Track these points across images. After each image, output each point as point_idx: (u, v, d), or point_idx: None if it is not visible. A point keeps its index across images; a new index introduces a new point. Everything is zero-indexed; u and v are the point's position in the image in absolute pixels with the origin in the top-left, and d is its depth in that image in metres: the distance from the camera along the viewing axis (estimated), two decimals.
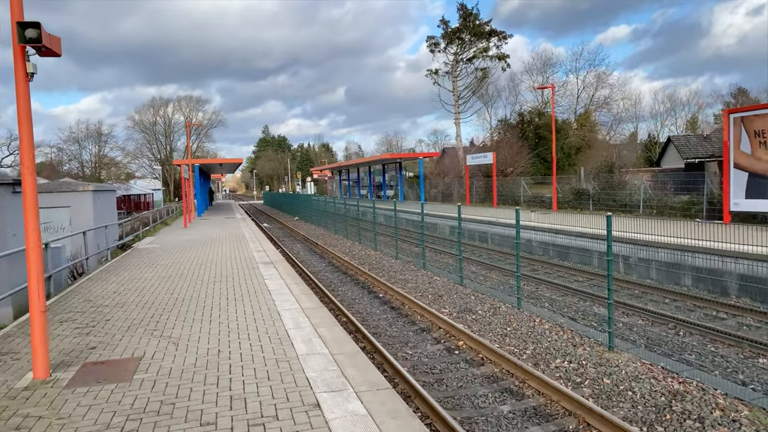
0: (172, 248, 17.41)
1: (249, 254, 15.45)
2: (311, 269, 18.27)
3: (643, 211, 20.35)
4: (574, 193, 24.64)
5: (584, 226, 16.93)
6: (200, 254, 15.55)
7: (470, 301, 12.46)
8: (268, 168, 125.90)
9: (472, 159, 32.17)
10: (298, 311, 8.09)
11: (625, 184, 22.34)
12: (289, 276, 11.54)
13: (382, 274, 16.74)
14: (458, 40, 44.34)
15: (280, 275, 11.56)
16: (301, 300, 8.95)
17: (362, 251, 22.24)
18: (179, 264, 13.55)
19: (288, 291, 9.70)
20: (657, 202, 19.44)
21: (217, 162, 34.52)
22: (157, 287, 10.38)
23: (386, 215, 30.88)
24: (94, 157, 54.58)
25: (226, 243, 18.84)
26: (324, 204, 33.37)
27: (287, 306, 8.45)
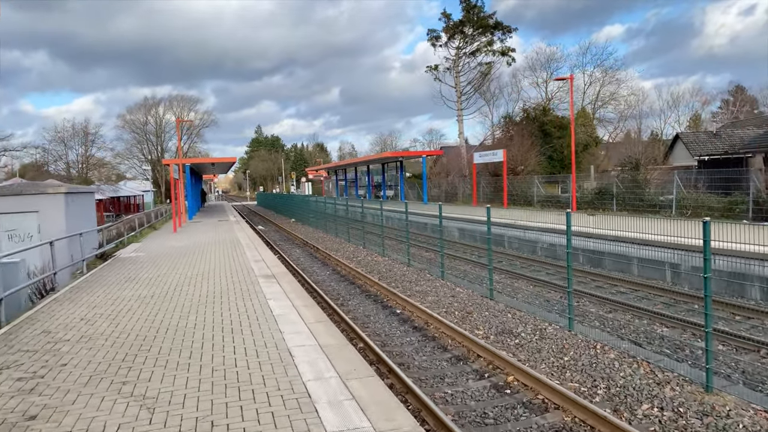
0: (158, 257, 15.48)
1: (246, 264, 13.56)
2: (314, 278, 16.41)
3: (676, 212, 18.65)
4: (596, 192, 22.91)
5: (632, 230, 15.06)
6: (190, 265, 13.64)
7: (507, 321, 10.65)
8: (261, 168, 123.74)
9: (480, 157, 30.40)
10: (314, 349, 6.23)
11: (648, 183, 20.61)
12: (296, 294, 9.67)
13: (396, 285, 14.92)
14: (461, 34, 42.59)
15: (285, 293, 9.69)
16: (317, 332, 7.07)
17: (368, 257, 20.40)
18: (165, 278, 11.64)
19: (298, 317, 7.83)
20: (693, 202, 17.73)
21: (209, 161, 32.57)
22: (135, 311, 8.49)
23: (394, 218, 29.03)
24: (80, 158, 52.38)
25: (220, 250, 16.93)
26: (323, 205, 31.50)
27: (300, 340, 6.60)
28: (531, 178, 28.62)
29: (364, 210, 23.59)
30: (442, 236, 15.27)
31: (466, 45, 42.98)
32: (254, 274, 11.85)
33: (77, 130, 52.03)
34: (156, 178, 71.52)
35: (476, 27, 41.72)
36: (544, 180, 30.27)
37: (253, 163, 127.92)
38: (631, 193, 20.82)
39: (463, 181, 38.76)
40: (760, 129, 41.29)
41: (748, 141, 33.59)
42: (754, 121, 50.90)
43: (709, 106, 71.87)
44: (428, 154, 36.82)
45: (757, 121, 48.69)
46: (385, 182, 47.02)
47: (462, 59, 43.49)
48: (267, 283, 10.73)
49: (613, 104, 48.03)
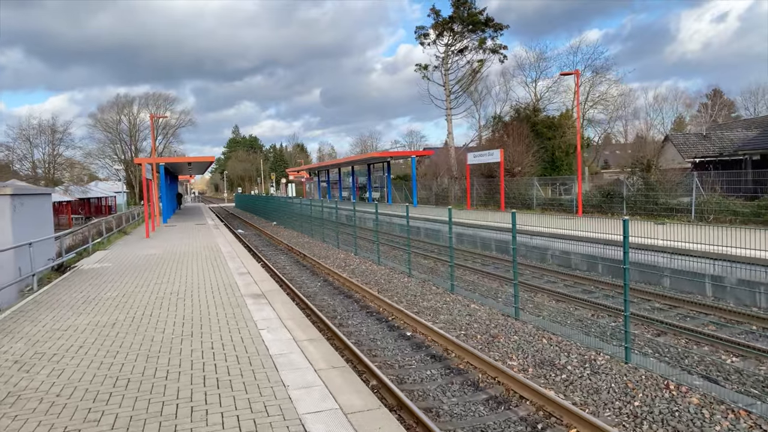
0: (127, 269, 13.45)
1: (229, 278, 11.64)
2: (305, 291, 14.55)
3: (695, 217, 17.27)
4: (604, 194, 21.47)
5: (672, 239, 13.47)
6: (164, 279, 11.67)
7: (544, 348, 8.97)
8: (239, 169, 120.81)
9: (475, 157, 28.83)
10: (336, 416, 4.43)
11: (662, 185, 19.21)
12: (295, 322, 7.81)
13: (399, 299, 13.17)
14: (450, 31, 41.07)
15: (281, 320, 7.82)
16: (334, 386, 5.16)
17: (362, 265, 18.61)
18: (133, 298, 9.68)
19: (302, 358, 5.99)
20: (715, 206, 16.36)
21: (186, 161, 30.38)
22: (89, 349, 6.57)
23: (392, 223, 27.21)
24: (47, 157, 49.39)
25: (199, 259, 14.95)
26: (308, 208, 29.57)
27: (312, 403, 4.76)
28: (530, 179, 27.13)
29: (355, 213, 21.77)
30: (452, 244, 13.54)
31: (456, 42, 41.48)
32: (240, 291, 9.96)
33: (44, 127, 49.03)
34: (130, 179, 68.52)
35: (466, 24, 40.23)
36: (541, 182, 28.82)
37: (230, 163, 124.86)
38: (643, 196, 19.43)
39: (453, 182, 37.21)
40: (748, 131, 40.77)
41: (744, 142, 32.75)
42: (742, 123, 50.56)
43: (691, 109, 71.96)
44: (418, 154, 35.14)
45: (744, 123, 48.31)
46: (371, 184, 45.21)
47: (451, 57, 41.96)
48: (256, 304, 8.85)
49: (603, 105, 47.01)
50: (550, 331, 9.81)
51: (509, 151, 28.24)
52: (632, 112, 52.54)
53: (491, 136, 44.21)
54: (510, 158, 28.04)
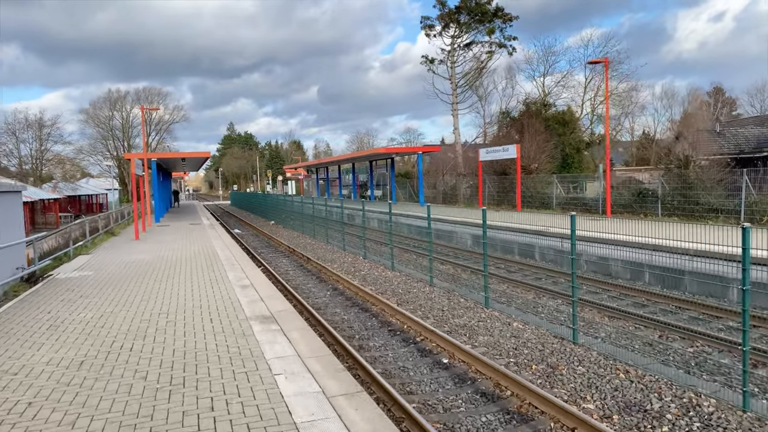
0: (109, 279, 11.60)
1: (230, 292, 9.81)
2: (313, 301, 12.75)
3: (745, 218, 15.58)
4: (635, 194, 19.74)
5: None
6: (151, 295, 9.84)
7: (624, 385, 7.21)
8: (235, 166, 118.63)
9: (488, 153, 27.05)
10: None
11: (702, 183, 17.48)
12: (321, 364, 5.93)
13: (425, 314, 11.41)
14: (456, 23, 39.22)
15: (301, 359, 5.98)
16: None
17: (373, 270, 16.84)
18: (111, 321, 7.84)
19: (341, 425, 4.20)
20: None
21: (179, 156, 28.44)
22: (41, 408, 4.74)
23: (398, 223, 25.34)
24: (35, 152, 47.26)
25: (193, 267, 13.11)
26: (310, 207, 27.74)
27: None
28: (549, 177, 25.37)
29: (364, 213, 19.96)
30: (486, 251, 11.73)
31: (462, 34, 39.62)
32: (243, 312, 8.13)
33: (31, 122, 46.85)
34: (122, 176, 66.39)
35: (474, 14, 38.41)
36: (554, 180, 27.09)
37: (225, 160, 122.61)
38: (681, 195, 17.73)
39: (461, 180, 35.44)
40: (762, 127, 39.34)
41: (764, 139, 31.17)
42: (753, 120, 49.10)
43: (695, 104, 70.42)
44: (424, 150, 33.30)
45: (756, 120, 46.83)
46: (373, 181, 43.36)
47: (457, 51, 40.13)
48: (266, 332, 7.03)
49: (613, 100, 45.25)
50: (622, 361, 8.05)
51: (525, 147, 26.49)
52: (639, 108, 50.82)
53: (497, 133, 42.46)
54: (525, 154, 26.29)
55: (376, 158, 39.25)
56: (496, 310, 11.41)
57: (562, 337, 9.31)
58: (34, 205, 41.03)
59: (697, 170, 18.01)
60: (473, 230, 20.60)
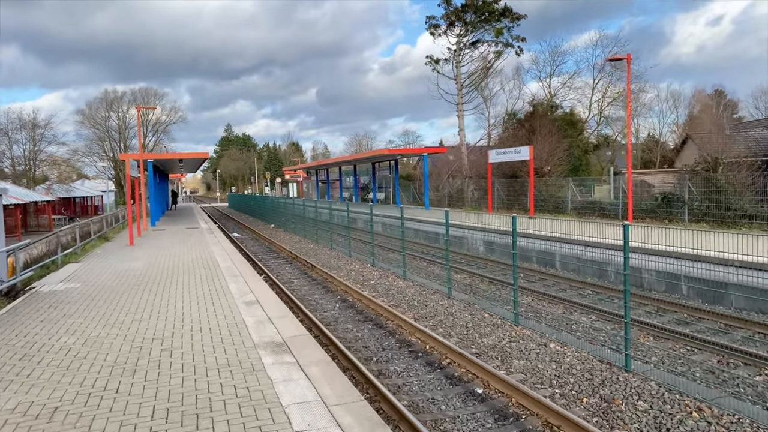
0: (97, 293, 10.47)
1: (233, 311, 8.69)
2: (321, 315, 11.64)
3: None
4: (660, 197, 18.67)
5: None
6: (144, 313, 8.71)
7: (699, 428, 6.12)
8: (232, 168, 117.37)
9: (498, 155, 25.98)
10: None
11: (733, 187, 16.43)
12: (352, 414, 4.81)
13: (447, 332, 10.35)
14: (461, 22, 38.21)
15: (328, 410, 4.82)
16: None
17: (383, 279, 15.75)
18: (94, 349, 6.72)
19: None
20: None
21: (177, 157, 27.30)
22: None
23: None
24: (28, 153, 45.99)
25: (191, 277, 11.98)
26: (312, 210, 26.63)
27: None
28: (564, 180, 24.30)
29: (372, 218, 18.87)
30: (515, 262, 10.62)
31: (468, 33, 38.60)
32: (251, 338, 7.00)
33: (24, 122, 45.58)
34: (119, 178, 65.13)
35: (480, 13, 37.38)
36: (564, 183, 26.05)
37: (223, 162, 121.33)
38: (709, 200, 16.68)
39: (467, 183, 34.39)
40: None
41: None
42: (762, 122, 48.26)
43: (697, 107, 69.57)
44: (430, 151, 32.18)
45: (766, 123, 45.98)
46: (375, 183, 42.26)
47: (462, 50, 39.10)
48: (279, 366, 5.90)
49: (621, 101, 44.25)
50: (688, 395, 6.97)
51: (537, 148, 25.42)
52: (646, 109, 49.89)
53: (502, 134, 41.43)
54: (537, 156, 25.21)
55: (379, 160, 38.16)
56: (527, 327, 10.33)
57: (610, 362, 8.23)
58: (27, 208, 39.77)
59: (726, 173, 16.95)
60: (487, 236, 19.51)
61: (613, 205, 20.82)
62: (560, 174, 27.44)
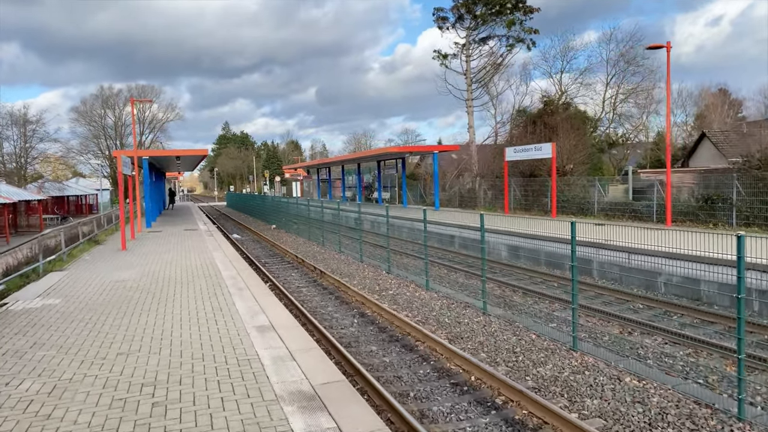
0: (79, 312, 8.85)
1: (243, 339, 7.08)
2: (339, 333, 10.04)
3: None
4: (703, 199, 17.11)
5: None
6: (132, 344, 7.10)
7: None
8: (230, 166, 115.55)
9: (516, 153, 24.41)
10: None
11: None
12: None
13: (493, 359, 8.81)
14: (472, 15, 36.62)
15: None
16: None
17: (402, 289, 14.18)
18: (65, 402, 5.10)
19: None
20: None
21: (173, 154, 25.65)
22: None
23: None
24: (19, 150, 44.23)
25: (190, 291, 10.37)
26: (318, 211, 25.03)
27: None
28: (589, 179, 22.72)
29: (389, 220, 17.27)
30: (575, 276, 9.01)
31: (479, 26, 37.00)
32: (270, 385, 5.38)
33: (15, 118, 43.79)
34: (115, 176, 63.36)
35: (490, 5, 35.77)
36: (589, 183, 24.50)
37: (220, 160, 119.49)
38: (761, 202, 15.12)
39: (478, 182, 32.80)
40: None
41: None
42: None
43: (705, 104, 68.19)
44: (440, 149, 30.57)
45: None
46: (381, 183, 40.66)
47: (472, 44, 37.49)
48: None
49: (633, 99, 42.78)
50: None
51: (558, 146, 23.85)
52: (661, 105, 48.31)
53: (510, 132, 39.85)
54: (558, 154, 23.64)
55: (385, 158, 36.55)
56: (587, 353, 8.75)
57: (710, 404, 6.65)
58: (17, 207, 38.06)
59: None
60: (513, 241, 17.90)
61: (646, 207, 19.25)
62: (582, 173, 25.87)
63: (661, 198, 18.51)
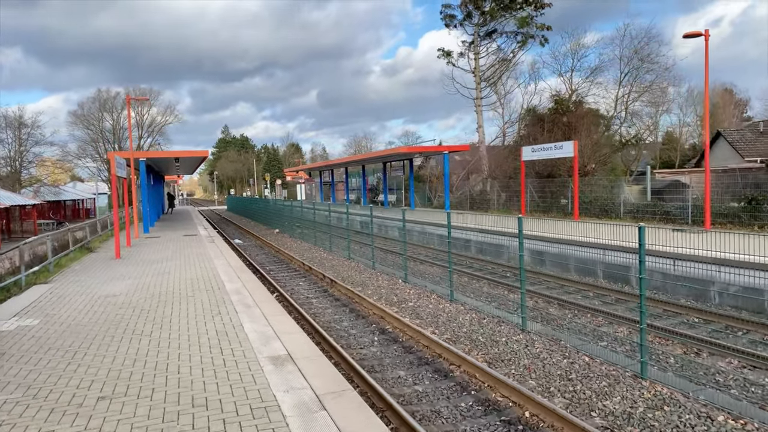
0: (58, 338, 7.52)
1: (257, 383, 5.75)
2: (358, 355, 8.68)
3: None
4: (746, 200, 15.80)
5: None
6: (118, 382, 5.76)
7: None
8: (230, 170, 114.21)
9: (534, 152, 23.10)
10: None
11: None
12: None
13: (544, 387, 7.48)
14: (478, 11, 35.38)
15: None
16: None
17: (423, 300, 12.82)
18: None
19: None
20: None
21: (172, 156, 24.34)
22: None
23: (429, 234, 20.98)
24: (14, 154, 42.94)
25: (190, 310, 9.03)
26: (324, 215, 23.72)
27: None
28: (609, 180, 21.42)
29: (405, 225, 15.93)
30: (643, 291, 7.66)
31: (488, 22, 35.74)
32: None
33: (9, 120, 42.48)
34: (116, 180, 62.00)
35: (499, 1, 34.51)
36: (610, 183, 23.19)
37: (220, 163, 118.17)
38: None
39: (489, 183, 31.50)
40: None
41: None
42: None
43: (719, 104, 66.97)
44: (451, 149, 29.24)
45: None
46: (386, 185, 39.33)
47: (480, 41, 36.22)
48: None
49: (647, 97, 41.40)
50: None
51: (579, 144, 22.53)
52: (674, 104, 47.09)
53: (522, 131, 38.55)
54: (579, 153, 22.33)
55: (392, 159, 35.22)
56: (658, 380, 7.42)
57: None
58: (10, 212, 36.75)
59: None
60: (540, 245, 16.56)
61: (679, 209, 17.94)
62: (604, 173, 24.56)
63: (696, 199, 17.21)
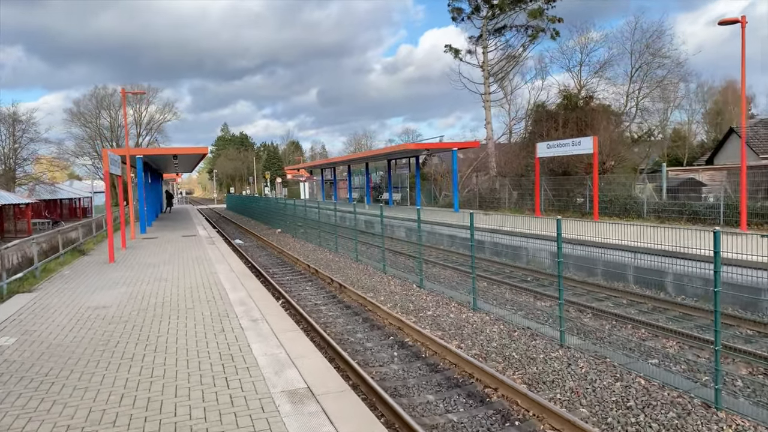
0: (31, 367, 6.45)
1: (272, 424, 4.69)
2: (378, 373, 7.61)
3: None
4: None
5: None
6: (100, 428, 4.68)
7: None
8: (230, 168, 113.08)
9: (549, 148, 22.01)
10: None
11: None
12: None
13: (595, 414, 6.41)
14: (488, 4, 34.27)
15: None
16: None
17: (444, 309, 11.75)
18: None
19: None
20: None
21: (170, 153, 23.20)
22: None
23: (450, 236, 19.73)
24: (8, 151, 41.79)
25: (189, 328, 7.95)
26: (329, 215, 22.63)
27: None
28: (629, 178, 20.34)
29: (420, 227, 14.82)
30: (718, 307, 6.57)
31: (496, 16, 34.63)
32: None
33: (3, 116, 41.31)
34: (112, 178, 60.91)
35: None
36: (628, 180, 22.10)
37: (219, 162, 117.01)
38: None
39: (498, 181, 30.41)
40: None
41: None
42: None
43: None
44: (460, 146, 28.10)
45: None
46: (391, 183, 38.23)
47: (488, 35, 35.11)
48: None
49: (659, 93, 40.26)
50: None
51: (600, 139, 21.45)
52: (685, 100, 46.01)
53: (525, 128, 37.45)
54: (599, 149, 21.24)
55: (398, 156, 34.16)
56: (740, 413, 6.35)
57: None
58: (4, 211, 35.64)
59: None
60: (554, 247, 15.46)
61: (710, 208, 16.87)
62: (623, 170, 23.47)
63: (729, 198, 16.15)
